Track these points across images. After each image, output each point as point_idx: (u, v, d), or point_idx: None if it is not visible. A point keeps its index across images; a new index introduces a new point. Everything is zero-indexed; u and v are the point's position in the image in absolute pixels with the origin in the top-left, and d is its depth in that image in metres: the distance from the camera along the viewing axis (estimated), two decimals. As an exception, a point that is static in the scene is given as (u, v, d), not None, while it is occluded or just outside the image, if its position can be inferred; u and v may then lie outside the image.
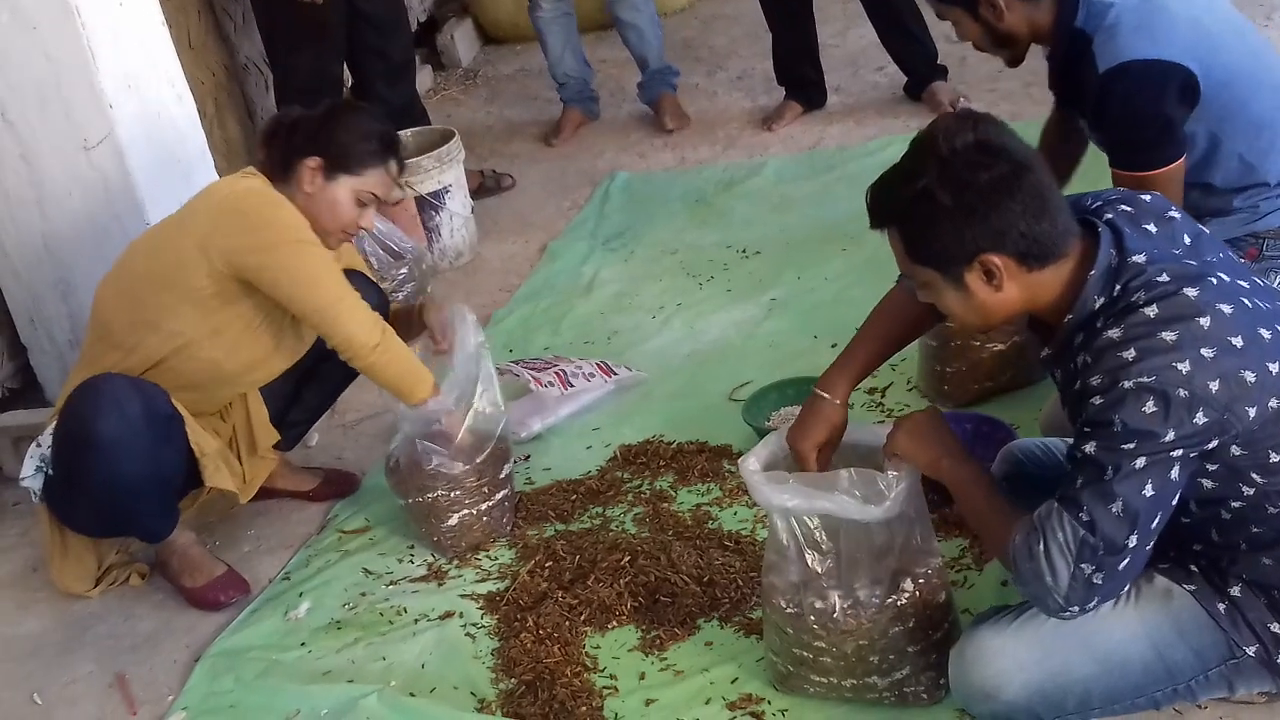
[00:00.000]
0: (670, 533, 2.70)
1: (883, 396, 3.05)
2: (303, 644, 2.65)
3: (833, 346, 3.27)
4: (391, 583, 2.78)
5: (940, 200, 1.77)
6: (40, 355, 3.45)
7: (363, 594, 2.76)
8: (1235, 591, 1.88)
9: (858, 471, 2.05)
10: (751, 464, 2.15)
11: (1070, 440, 1.84)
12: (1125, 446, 1.71)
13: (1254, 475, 1.79)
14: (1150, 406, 1.69)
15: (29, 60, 3.06)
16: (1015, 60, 2.62)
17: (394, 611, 2.68)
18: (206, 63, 4.58)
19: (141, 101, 3.21)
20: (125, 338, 2.66)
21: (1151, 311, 1.74)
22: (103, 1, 3.09)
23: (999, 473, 2.27)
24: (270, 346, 2.75)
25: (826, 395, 2.18)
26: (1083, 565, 1.77)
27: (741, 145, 4.73)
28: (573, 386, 3.21)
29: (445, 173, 4.12)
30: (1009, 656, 1.93)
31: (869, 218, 1.90)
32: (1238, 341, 1.72)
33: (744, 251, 3.94)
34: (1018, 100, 4.44)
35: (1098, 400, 1.73)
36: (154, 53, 3.27)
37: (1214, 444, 1.73)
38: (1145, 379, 1.69)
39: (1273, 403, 1.74)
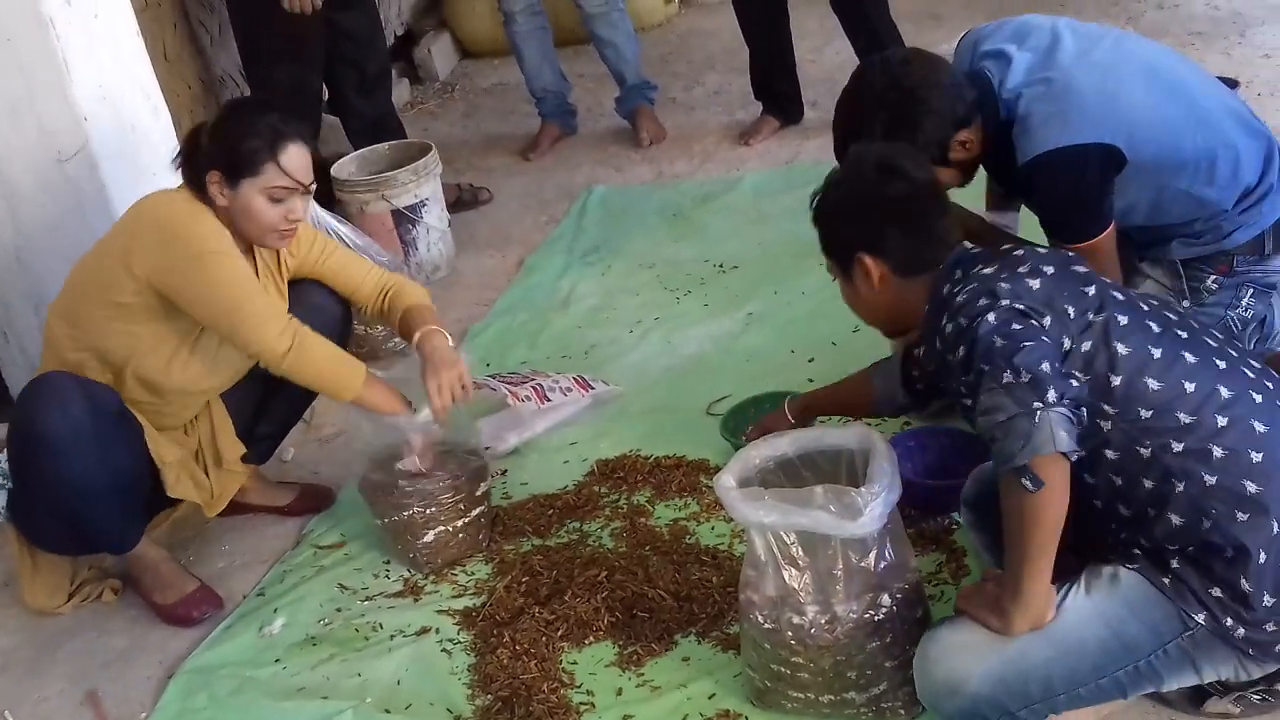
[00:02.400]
0: (647, 547, 2.70)
1: (859, 411, 3.06)
2: (277, 660, 2.63)
3: (810, 361, 3.30)
4: (367, 598, 2.77)
5: (837, 202, 2.16)
6: (12, 368, 3.42)
7: (338, 610, 2.75)
8: (1175, 564, 1.90)
9: (834, 487, 2.05)
10: (727, 481, 2.16)
11: None
12: (982, 301, 1.90)
13: (1105, 407, 1.88)
14: (982, 301, 1.91)
15: (2, 72, 3.04)
16: (968, 179, 2.62)
17: (369, 627, 2.67)
18: (182, 75, 4.56)
19: (116, 114, 3.19)
20: (69, 357, 2.65)
21: (987, 268, 1.99)
22: (77, 13, 3.07)
23: (970, 492, 2.29)
24: (206, 364, 2.71)
25: (785, 410, 2.71)
26: (1006, 375, 1.84)
27: (718, 160, 4.74)
28: (550, 401, 3.20)
29: (422, 186, 4.11)
30: (968, 649, 1.97)
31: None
32: (1059, 284, 1.95)
33: (721, 266, 3.94)
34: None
35: (948, 327, 1.95)
36: (129, 65, 3.25)
37: (1048, 320, 1.88)
38: (970, 284, 1.96)
39: (1088, 335, 1.90)
